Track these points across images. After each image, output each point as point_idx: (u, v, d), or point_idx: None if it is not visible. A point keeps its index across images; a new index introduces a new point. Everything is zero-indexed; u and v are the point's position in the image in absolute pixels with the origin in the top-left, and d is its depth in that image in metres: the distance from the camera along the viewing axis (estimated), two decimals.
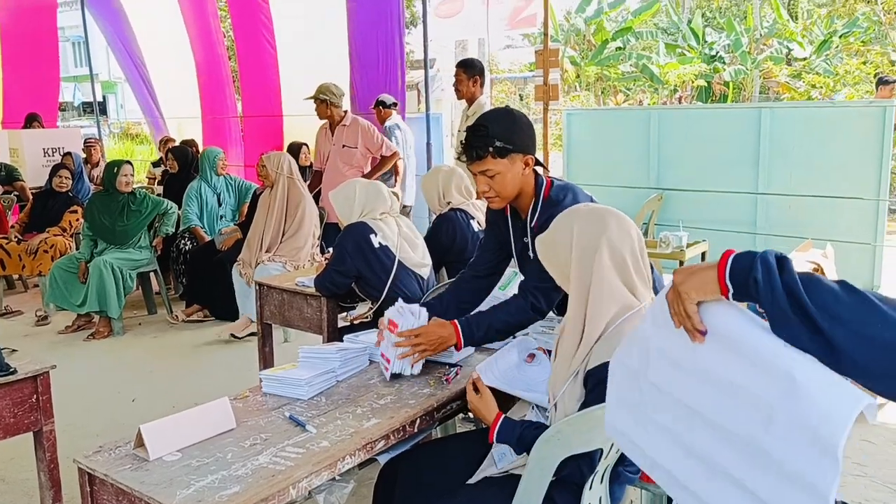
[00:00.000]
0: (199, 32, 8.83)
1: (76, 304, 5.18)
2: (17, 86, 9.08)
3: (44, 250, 5.67)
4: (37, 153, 7.94)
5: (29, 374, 2.45)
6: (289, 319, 3.64)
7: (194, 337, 5.22)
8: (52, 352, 4.93)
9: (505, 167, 2.18)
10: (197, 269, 5.56)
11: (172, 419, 1.83)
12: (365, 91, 7.15)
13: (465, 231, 3.55)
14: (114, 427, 3.74)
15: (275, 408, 2.05)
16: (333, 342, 2.42)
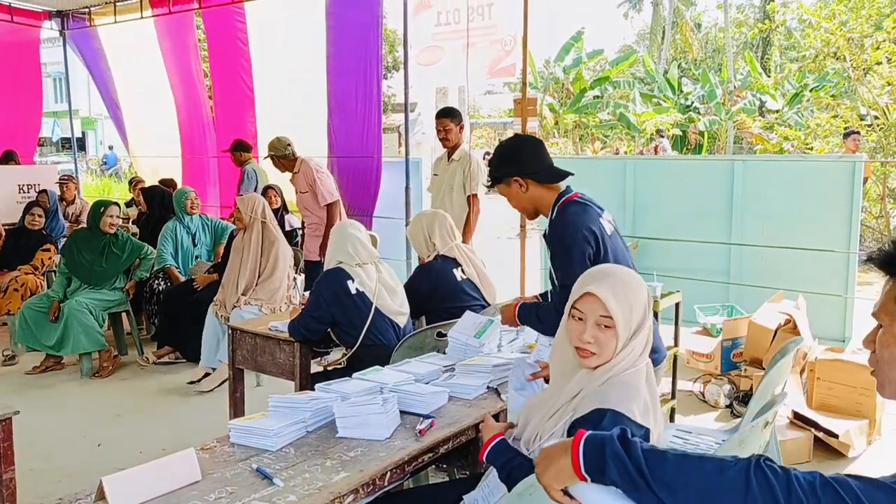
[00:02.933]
0: (179, 71, 8.84)
1: (47, 345, 5.09)
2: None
3: (14, 289, 5.58)
4: (11, 190, 7.86)
5: None
6: (261, 365, 3.59)
7: (165, 380, 5.13)
8: (18, 393, 4.81)
9: (505, 190, 2.59)
10: (170, 309, 5.48)
11: (135, 471, 1.79)
12: (342, 134, 7.19)
13: (446, 280, 3.54)
14: (78, 472, 3.64)
15: (242, 459, 2.01)
16: (305, 391, 2.39)
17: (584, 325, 1.77)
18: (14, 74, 9.16)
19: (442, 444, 2.18)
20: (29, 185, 7.98)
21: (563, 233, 2.46)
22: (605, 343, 1.75)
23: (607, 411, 1.66)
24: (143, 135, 9.57)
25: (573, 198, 2.54)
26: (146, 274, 5.59)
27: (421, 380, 2.52)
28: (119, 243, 5.43)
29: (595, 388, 1.74)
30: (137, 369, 5.36)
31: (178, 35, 8.66)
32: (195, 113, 8.99)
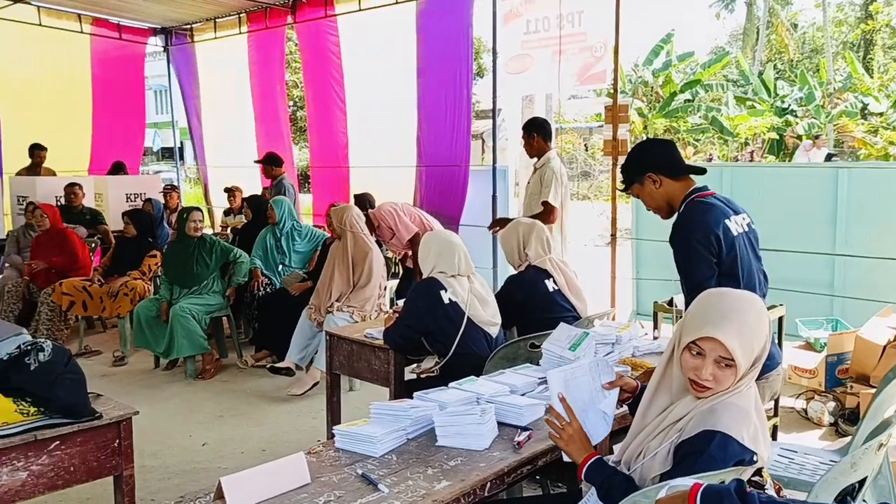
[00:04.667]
0: (263, 84, 9.18)
1: (159, 350, 5.41)
2: (105, 133, 9.56)
3: (124, 293, 5.91)
4: (120, 198, 8.33)
5: (113, 419, 2.55)
6: (357, 371, 3.69)
7: (262, 382, 5.33)
8: (128, 393, 5.10)
9: (639, 191, 2.66)
10: (268, 314, 5.71)
11: (250, 473, 1.88)
12: (430, 144, 7.31)
13: (538, 291, 3.56)
14: (186, 470, 3.84)
15: (347, 464, 2.08)
16: (404, 399, 2.45)
17: (702, 362, 1.72)
18: (121, 89, 9.73)
19: (540, 457, 2.20)
20: (136, 194, 8.44)
21: (680, 232, 2.47)
22: (722, 380, 1.72)
23: (716, 434, 1.64)
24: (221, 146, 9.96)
25: (702, 196, 2.54)
26: (243, 279, 5.82)
27: (517, 391, 2.54)
28: (207, 246, 5.69)
29: (704, 408, 1.72)
30: (237, 371, 5.60)
31: (268, 49, 9.01)
32: (274, 125, 9.31)
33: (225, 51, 9.31)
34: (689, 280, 2.45)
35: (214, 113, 9.80)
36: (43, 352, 2.52)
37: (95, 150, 9.49)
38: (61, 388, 2.47)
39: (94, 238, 7.38)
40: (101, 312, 6.07)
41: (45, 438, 2.39)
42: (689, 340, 1.74)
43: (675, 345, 1.84)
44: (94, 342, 6.39)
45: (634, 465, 1.86)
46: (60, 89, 9.06)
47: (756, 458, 1.68)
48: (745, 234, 2.53)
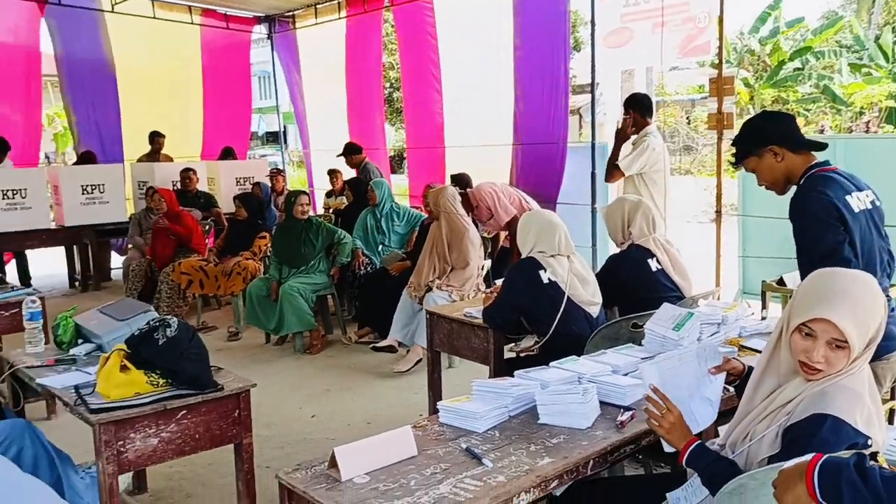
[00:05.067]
0: (357, 67, 9.33)
1: (270, 326, 5.69)
2: (215, 120, 10.02)
3: (237, 272, 6.22)
4: (230, 182, 8.73)
5: (233, 391, 2.72)
6: (457, 348, 3.77)
7: (366, 358, 5.51)
8: (242, 367, 5.38)
9: (756, 163, 2.58)
10: (369, 293, 5.89)
11: (361, 444, 1.98)
12: (527, 121, 7.26)
13: (641, 270, 3.51)
14: (297, 441, 4.04)
15: (452, 438, 2.15)
16: (505, 377, 2.49)
17: (813, 343, 1.67)
18: (229, 76, 10.13)
19: (643, 437, 2.20)
20: (245, 178, 8.83)
21: (800, 204, 2.41)
22: (834, 362, 1.66)
23: (827, 417, 1.60)
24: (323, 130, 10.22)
25: (823, 171, 2.47)
26: (347, 259, 6.01)
27: (619, 371, 2.54)
28: (313, 228, 5.90)
29: (814, 391, 1.68)
30: (342, 347, 5.81)
31: (365, 33, 9.15)
32: (367, 108, 9.47)
33: (324, 36, 9.53)
34: (817, 248, 2.35)
35: (315, 97, 10.06)
36: (170, 328, 2.71)
37: (207, 137, 9.96)
38: (187, 362, 2.66)
39: (208, 220, 7.79)
40: (217, 290, 6.41)
41: (174, 408, 2.58)
42: (800, 322, 1.69)
43: (783, 326, 1.80)
44: (210, 318, 6.77)
45: (740, 448, 1.84)
46: (174, 79, 9.53)
47: (870, 443, 1.62)
48: (867, 212, 2.42)
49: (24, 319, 3.22)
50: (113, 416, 2.45)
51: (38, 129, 8.90)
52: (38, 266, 8.39)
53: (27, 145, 8.41)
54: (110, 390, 2.55)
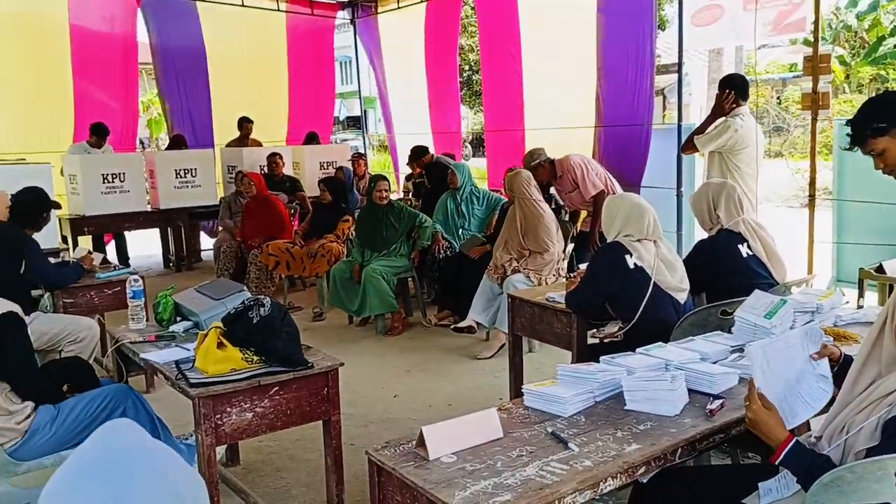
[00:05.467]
0: (435, 50, 9.37)
1: (351, 308, 5.82)
2: (300, 105, 10.26)
3: (321, 254, 6.38)
4: (314, 166, 8.95)
5: (323, 369, 2.81)
6: (539, 333, 3.77)
7: (445, 341, 5.58)
8: (326, 347, 5.46)
9: (888, 143, 2.31)
10: (449, 276, 5.94)
11: (449, 424, 2.02)
12: (610, 102, 7.13)
13: (731, 256, 3.41)
14: (380, 419, 4.14)
15: (537, 422, 2.16)
16: (590, 363, 2.48)
17: None
18: (313, 62, 10.35)
19: (733, 426, 2.15)
20: (328, 162, 9.03)
21: None
22: None
23: None
24: (404, 114, 10.31)
25: None
26: (427, 243, 6.07)
27: (708, 359, 2.49)
28: (395, 212, 5.98)
29: None
30: (422, 329, 5.90)
31: (445, 16, 9.17)
32: (445, 91, 9.49)
33: (405, 20, 9.61)
34: None
35: (397, 81, 10.17)
36: (263, 307, 2.81)
37: (292, 122, 10.22)
38: (279, 340, 2.76)
39: (293, 204, 8.00)
40: (302, 272, 6.60)
41: (267, 384, 2.69)
42: None
43: (888, 314, 1.73)
44: (296, 299, 6.98)
45: (837, 441, 1.78)
46: (260, 65, 9.81)
47: None
48: None
49: (127, 297, 3.41)
50: (211, 390, 2.58)
51: (135, 116, 9.32)
52: (135, 247, 8.83)
53: (125, 131, 8.84)
54: (208, 366, 2.68)
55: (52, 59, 8.09)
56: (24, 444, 2.67)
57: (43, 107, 8.11)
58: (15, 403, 2.67)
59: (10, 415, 2.64)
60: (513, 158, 8.21)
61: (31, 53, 7.92)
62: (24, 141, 7.88)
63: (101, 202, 7.49)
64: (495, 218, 6.16)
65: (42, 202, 4.39)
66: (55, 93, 8.16)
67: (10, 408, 2.64)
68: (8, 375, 2.65)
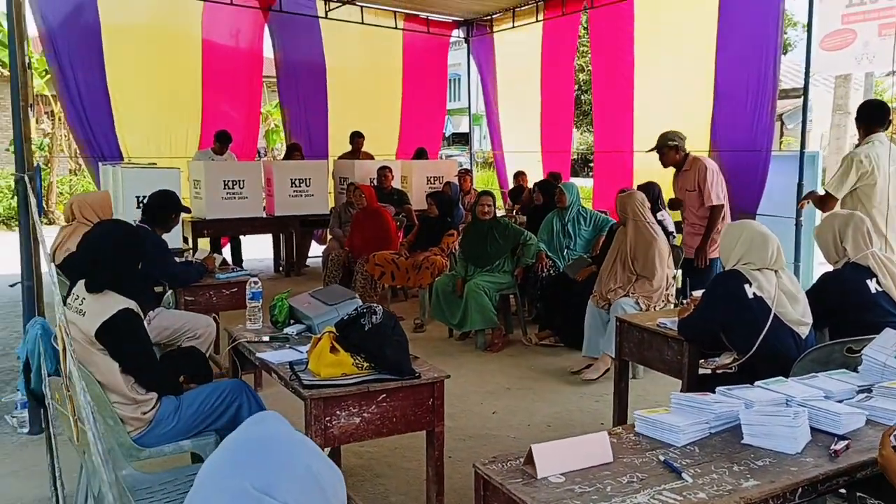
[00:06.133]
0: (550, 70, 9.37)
1: (454, 322, 5.88)
2: (412, 121, 10.47)
3: (426, 267, 6.48)
4: (422, 181, 9.11)
5: (429, 380, 2.85)
6: (647, 359, 3.68)
7: (546, 361, 5.53)
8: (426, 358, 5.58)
9: None
10: (552, 296, 5.90)
11: (558, 444, 2.00)
12: (727, 127, 6.92)
13: (858, 291, 3.24)
14: (478, 435, 4.14)
15: (648, 449, 2.11)
16: (705, 392, 2.40)
17: None
18: (426, 79, 10.55)
19: (858, 470, 2.04)
20: (435, 177, 9.17)
21: None
22: None
23: None
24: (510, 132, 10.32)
25: None
26: (531, 260, 6.04)
27: (832, 397, 2.37)
28: (500, 228, 5.99)
29: None
30: (522, 348, 5.87)
31: (561, 36, 9.18)
32: (557, 110, 9.44)
33: (521, 39, 9.68)
34: None
35: (508, 99, 10.23)
36: (375, 315, 2.89)
37: (403, 136, 10.43)
38: (389, 348, 2.82)
39: (400, 216, 8.16)
40: (406, 283, 6.72)
41: (376, 391, 2.75)
42: None
43: None
44: (398, 309, 7.08)
45: None
46: (376, 81, 10.08)
47: None
48: None
49: (246, 298, 3.56)
50: (322, 392, 2.66)
51: (256, 126, 9.79)
52: (248, 250, 9.22)
53: (246, 140, 9.28)
54: (321, 369, 2.77)
55: (185, 71, 8.60)
56: (148, 432, 2.83)
57: (174, 114, 8.63)
58: (141, 394, 2.83)
59: (136, 404, 2.80)
60: (620, 180, 8.09)
61: (167, 65, 8.45)
62: (155, 146, 8.41)
63: (221, 207, 7.87)
64: (602, 239, 6.08)
65: (173, 205, 4.67)
66: (186, 102, 8.67)
67: (136, 398, 2.80)
68: (132, 368, 2.81)
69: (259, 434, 0.95)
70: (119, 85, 8.03)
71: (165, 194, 4.70)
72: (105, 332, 2.71)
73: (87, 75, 7.82)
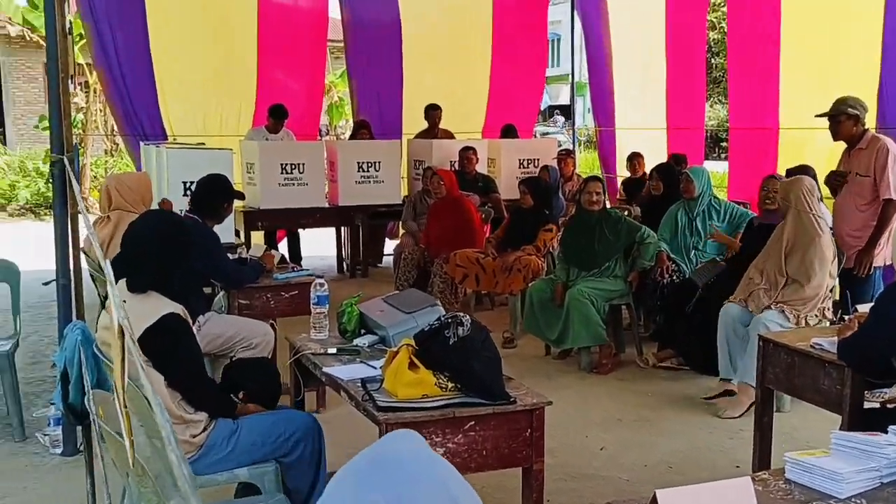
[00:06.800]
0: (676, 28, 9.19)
1: (551, 336, 5.85)
2: (502, 91, 10.41)
3: (517, 269, 6.46)
4: (512, 164, 9.08)
5: (527, 406, 2.87)
6: (797, 388, 3.59)
7: (666, 387, 5.45)
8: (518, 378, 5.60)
9: None
10: (675, 307, 5.79)
11: (689, 490, 1.97)
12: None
13: None
14: (582, 475, 4.13)
15: (802, 501, 2.08)
16: (874, 433, 2.32)
17: None
18: (521, 40, 10.44)
19: None
20: (529, 159, 9.12)
21: None
22: None
23: None
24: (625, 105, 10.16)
25: None
26: (650, 263, 5.93)
27: None
28: (612, 221, 5.90)
29: None
30: (636, 370, 5.80)
31: None
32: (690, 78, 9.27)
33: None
34: None
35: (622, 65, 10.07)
36: (462, 326, 2.92)
37: (491, 110, 10.43)
38: (478, 366, 2.85)
39: (486, 207, 8.18)
40: (493, 288, 6.73)
41: (462, 417, 2.78)
42: None
43: None
44: (482, 319, 7.05)
45: None
46: (461, 43, 10.12)
47: None
48: None
49: (310, 303, 3.66)
50: (400, 416, 2.71)
51: (319, 99, 10.01)
52: (306, 246, 9.40)
53: (307, 116, 9.50)
54: (398, 388, 2.82)
55: (238, 32, 8.86)
56: (199, 458, 2.92)
57: (225, 85, 8.90)
58: (189, 413, 2.92)
59: (185, 424, 2.90)
60: (763, 164, 7.88)
61: (218, 25, 8.71)
62: (202, 122, 8.70)
63: (278, 195, 8.04)
64: (739, 238, 5.92)
65: (226, 191, 4.82)
66: (239, 70, 8.94)
67: (185, 416, 2.90)
68: (178, 382, 2.90)
69: (397, 450, 1.08)
70: (164, 49, 8.33)
71: (216, 179, 4.85)
72: (148, 340, 2.81)
73: (127, 38, 8.14)
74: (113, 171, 15.66)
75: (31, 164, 16.29)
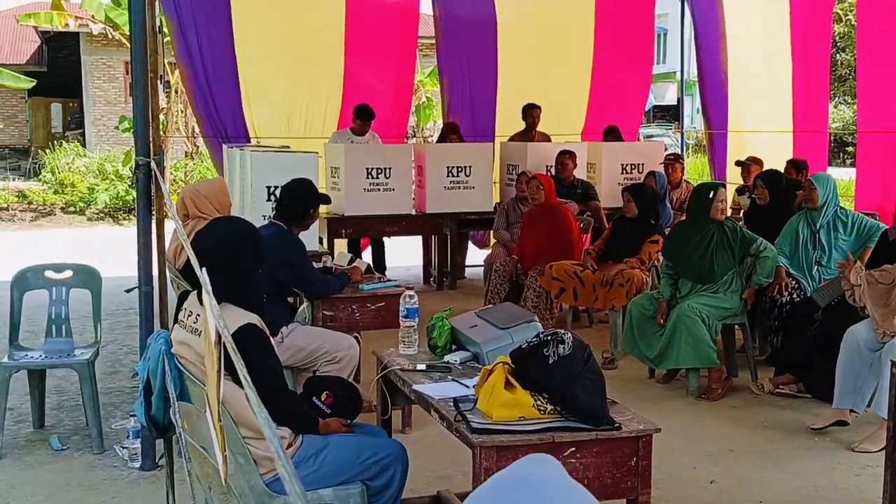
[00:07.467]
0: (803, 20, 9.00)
1: (650, 354, 5.78)
2: (604, 90, 10.37)
3: (619, 283, 6.41)
4: (614, 170, 9.00)
5: (633, 433, 2.85)
6: None
7: (784, 416, 5.32)
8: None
9: None
10: (794, 328, 5.67)
11: None
12: None
13: None
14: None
15: None
16: None
17: None
18: (626, 35, 10.40)
19: None
20: (632, 164, 9.03)
21: None
22: None
23: None
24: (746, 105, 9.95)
25: None
26: (767, 279, 5.79)
27: None
28: (728, 234, 5.77)
29: None
30: (750, 397, 5.68)
31: None
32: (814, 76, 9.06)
33: None
34: None
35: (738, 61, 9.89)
36: (563, 344, 2.92)
37: (591, 111, 10.38)
38: (580, 388, 2.85)
39: (585, 216, 8.14)
40: (592, 303, 6.69)
41: (563, 442, 2.78)
42: None
43: None
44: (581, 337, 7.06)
45: None
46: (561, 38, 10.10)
47: None
48: None
49: (399, 316, 3.70)
50: (496, 439, 2.73)
51: (408, 100, 10.12)
52: (391, 256, 9.48)
53: (395, 118, 9.63)
54: (493, 409, 2.84)
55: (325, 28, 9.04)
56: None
57: (311, 84, 9.11)
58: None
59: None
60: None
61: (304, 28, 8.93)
62: (286, 123, 8.92)
63: (363, 201, 8.17)
64: (869, 253, 5.74)
65: (313, 197, 4.94)
66: (325, 72, 9.13)
67: None
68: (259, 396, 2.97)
69: (536, 473, 1.09)
70: (248, 50, 8.59)
71: (302, 183, 4.97)
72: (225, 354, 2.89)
73: (211, 38, 8.43)
74: (194, 177, 16.19)
75: (111, 167, 16.87)
